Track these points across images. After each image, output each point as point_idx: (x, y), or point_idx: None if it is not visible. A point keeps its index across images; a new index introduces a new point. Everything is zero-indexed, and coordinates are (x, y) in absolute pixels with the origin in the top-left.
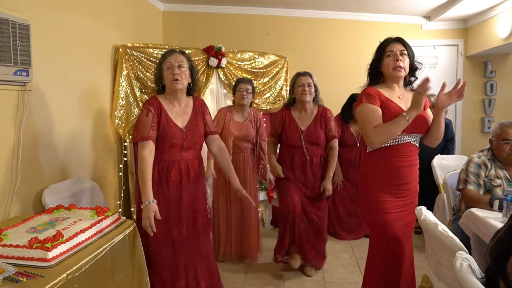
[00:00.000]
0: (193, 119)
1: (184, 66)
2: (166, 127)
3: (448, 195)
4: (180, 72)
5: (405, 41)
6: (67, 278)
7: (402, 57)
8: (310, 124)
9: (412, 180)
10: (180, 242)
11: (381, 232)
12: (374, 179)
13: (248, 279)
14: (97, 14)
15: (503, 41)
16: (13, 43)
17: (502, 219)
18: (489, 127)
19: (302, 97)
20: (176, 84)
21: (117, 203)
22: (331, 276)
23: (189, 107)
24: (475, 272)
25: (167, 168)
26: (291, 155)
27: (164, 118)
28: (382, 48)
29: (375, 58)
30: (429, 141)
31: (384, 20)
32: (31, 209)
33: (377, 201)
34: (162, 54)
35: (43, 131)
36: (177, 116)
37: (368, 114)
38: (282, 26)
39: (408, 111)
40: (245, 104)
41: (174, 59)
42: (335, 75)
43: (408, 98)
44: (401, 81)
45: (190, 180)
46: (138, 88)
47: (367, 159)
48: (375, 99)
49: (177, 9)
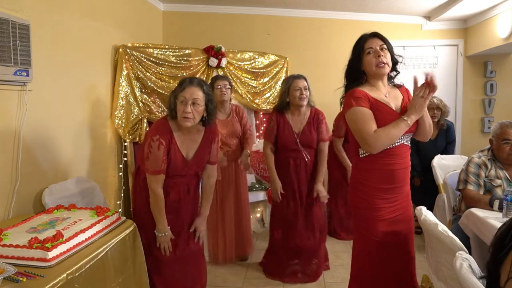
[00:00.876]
0: (201, 149)
1: (199, 102)
2: (173, 159)
3: (448, 195)
4: (193, 109)
5: (382, 35)
6: (67, 278)
7: (383, 52)
8: (305, 126)
9: (406, 183)
10: (183, 258)
11: (372, 239)
12: (368, 183)
13: (248, 279)
14: (97, 14)
15: (503, 41)
16: (13, 43)
17: (502, 219)
18: (489, 127)
19: (300, 101)
20: (186, 122)
21: (117, 203)
22: (331, 276)
23: (200, 135)
24: (475, 272)
25: (166, 190)
26: (286, 159)
27: (173, 150)
28: (359, 45)
29: (353, 57)
30: (421, 136)
31: (384, 20)
32: (31, 209)
33: (371, 207)
34: (179, 83)
35: (43, 131)
36: (185, 145)
37: (362, 118)
38: (282, 26)
39: (409, 115)
40: (225, 100)
41: (189, 95)
42: (335, 75)
43: (394, 95)
44: (385, 77)
45: (189, 198)
46: (138, 88)
47: (360, 163)
48: (364, 101)
49: (177, 9)
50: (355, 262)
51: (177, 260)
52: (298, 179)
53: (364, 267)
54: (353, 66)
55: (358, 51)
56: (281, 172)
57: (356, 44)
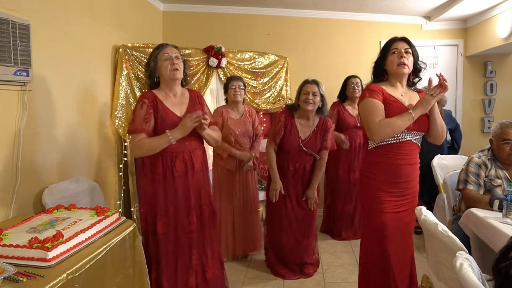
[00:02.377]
0: (191, 108)
1: (179, 57)
2: (164, 116)
3: (448, 195)
4: (178, 63)
5: (410, 41)
6: (67, 278)
7: (407, 55)
8: (311, 134)
9: (413, 179)
10: (189, 234)
11: (377, 232)
12: (374, 176)
13: (248, 278)
14: (97, 14)
15: (503, 41)
16: (13, 43)
17: (502, 219)
18: (489, 127)
19: (305, 105)
20: (177, 74)
21: (117, 203)
22: (331, 276)
23: (185, 97)
24: (475, 272)
25: (171, 160)
26: (286, 161)
27: (161, 108)
28: (387, 46)
29: (380, 56)
30: (432, 138)
31: (384, 20)
32: (31, 209)
33: (377, 199)
34: (155, 47)
35: (43, 131)
36: (173, 105)
37: (371, 108)
38: (282, 26)
39: (414, 109)
40: (239, 101)
41: (171, 51)
42: (335, 75)
43: (411, 97)
44: (405, 79)
45: (195, 171)
46: (138, 88)
47: (368, 156)
48: (378, 94)
49: (177, 9)
50: (363, 254)
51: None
52: (295, 184)
53: (371, 260)
54: (378, 64)
55: (385, 50)
56: (280, 174)
57: (385, 45)
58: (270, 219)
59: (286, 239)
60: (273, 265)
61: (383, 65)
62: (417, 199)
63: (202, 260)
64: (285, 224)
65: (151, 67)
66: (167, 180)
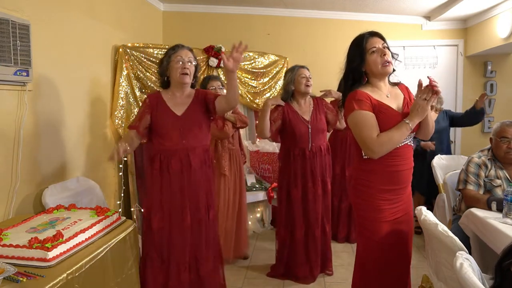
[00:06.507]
0: (191, 107)
1: (192, 61)
2: (163, 115)
3: (448, 195)
4: (190, 67)
5: (381, 33)
6: (67, 278)
7: (386, 51)
8: (312, 112)
9: (408, 184)
10: (183, 231)
11: (375, 241)
12: (372, 185)
13: (248, 279)
14: (97, 14)
15: (503, 41)
16: (13, 43)
17: (502, 219)
18: (489, 127)
19: (307, 89)
20: (185, 78)
21: (117, 203)
22: (331, 276)
23: (190, 97)
24: (475, 272)
25: (168, 157)
26: (301, 150)
27: (162, 108)
28: (361, 45)
29: (353, 58)
30: (423, 136)
31: (384, 20)
32: (31, 209)
33: (374, 208)
34: (170, 47)
35: (43, 131)
36: (175, 105)
37: (364, 122)
38: (282, 26)
39: (411, 118)
40: None
41: (185, 54)
42: (335, 75)
43: (396, 95)
44: (387, 77)
45: (192, 169)
46: (138, 88)
47: (363, 164)
48: (367, 104)
49: (177, 9)
50: (359, 264)
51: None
52: (312, 169)
53: (368, 270)
54: (353, 67)
55: (359, 51)
56: (298, 162)
57: (356, 44)
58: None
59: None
60: (287, 268)
61: (360, 68)
62: (411, 206)
63: (197, 256)
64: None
65: (163, 66)
66: (163, 176)
